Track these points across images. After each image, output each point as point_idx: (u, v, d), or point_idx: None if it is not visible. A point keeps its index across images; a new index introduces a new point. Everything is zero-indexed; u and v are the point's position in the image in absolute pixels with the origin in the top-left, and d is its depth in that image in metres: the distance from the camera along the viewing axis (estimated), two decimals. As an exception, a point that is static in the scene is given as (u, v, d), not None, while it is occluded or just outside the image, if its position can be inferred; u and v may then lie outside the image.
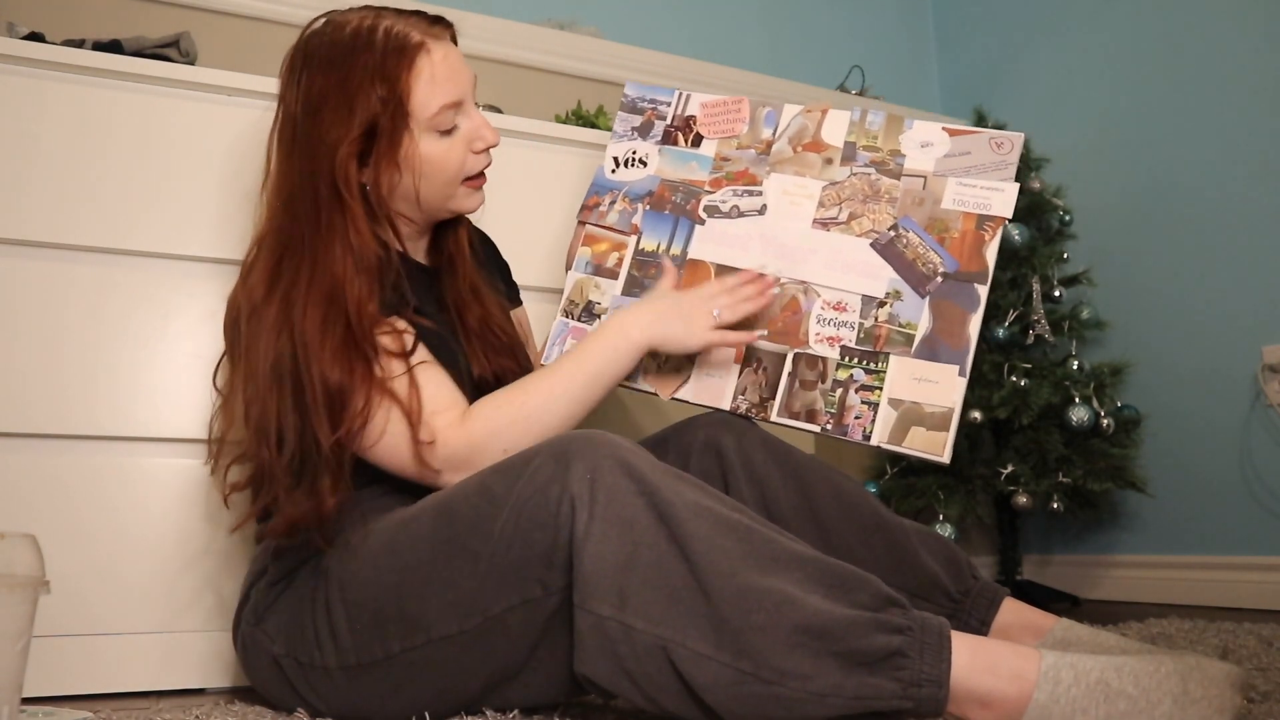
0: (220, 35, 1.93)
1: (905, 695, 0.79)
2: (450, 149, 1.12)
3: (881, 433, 1.12)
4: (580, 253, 1.30)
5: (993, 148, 1.20)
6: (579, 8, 2.37)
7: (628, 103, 1.36)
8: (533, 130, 1.57)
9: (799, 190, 1.25)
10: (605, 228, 1.30)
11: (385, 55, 1.07)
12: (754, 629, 0.80)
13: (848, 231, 1.21)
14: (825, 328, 1.18)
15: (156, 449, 1.30)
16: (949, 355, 1.13)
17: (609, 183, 1.33)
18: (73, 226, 1.28)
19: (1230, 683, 0.79)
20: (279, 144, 1.12)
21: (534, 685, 0.97)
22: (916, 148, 1.23)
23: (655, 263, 1.26)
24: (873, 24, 2.85)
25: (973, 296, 1.15)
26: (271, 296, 1.04)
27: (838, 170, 1.25)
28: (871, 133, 1.26)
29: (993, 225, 1.17)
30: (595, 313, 1.26)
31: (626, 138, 1.34)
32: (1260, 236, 2.02)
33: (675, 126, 1.33)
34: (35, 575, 0.80)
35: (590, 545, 0.86)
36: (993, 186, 1.18)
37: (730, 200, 1.27)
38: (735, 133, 1.30)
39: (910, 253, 1.18)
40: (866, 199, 1.22)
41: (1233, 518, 2.04)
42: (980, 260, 1.16)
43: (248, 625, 1.08)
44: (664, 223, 1.28)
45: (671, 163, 1.32)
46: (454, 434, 1.04)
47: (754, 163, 1.28)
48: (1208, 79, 2.14)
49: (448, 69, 1.10)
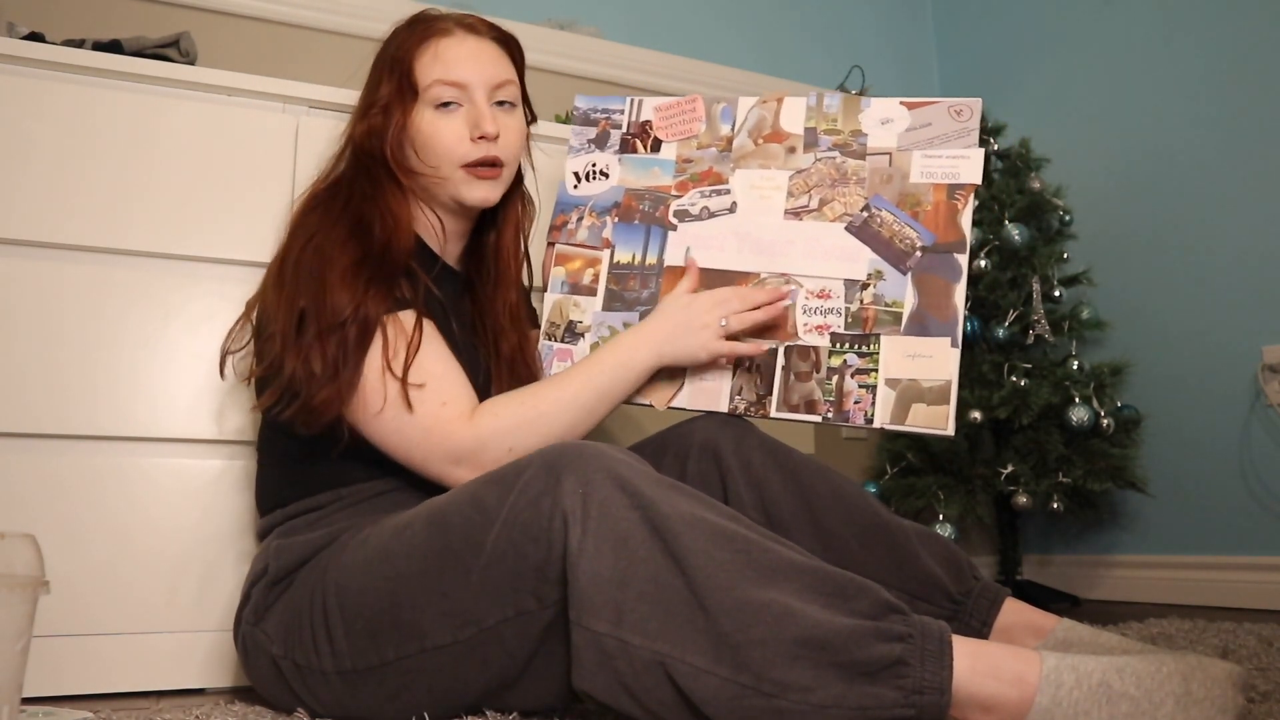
0: (220, 35, 1.93)
1: (907, 703, 0.78)
2: (444, 125, 1.16)
3: (883, 414, 1.12)
4: (554, 273, 1.28)
5: (952, 115, 1.20)
6: (579, 8, 2.37)
7: (579, 115, 1.34)
8: (532, 130, 1.57)
9: (766, 183, 1.24)
10: (576, 245, 1.28)
11: (410, 35, 1.18)
12: (753, 642, 0.80)
13: (821, 218, 1.21)
14: (813, 317, 1.18)
15: (156, 449, 1.30)
16: (939, 328, 1.13)
17: (573, 199, 1.31)
18: (72, 226, 1.28)
19: (1232, 682, 0.79)
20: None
21: (531, 694, 0.96)
22: (877, 125, 1.23)
23: (634, 274, 1.25)
24: (873, 24, 2.85)
25: (954, 266, 1.15)
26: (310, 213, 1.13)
27: (801, 158, 1.24)
28: (830, 115, 1.25)
29: (964, 193, 1.17)
30: (578, 332, 1.24)
31: (584, 151, 1.32)
32: (1260, 236, 2.02)
33: (632, 134, 1.32)
34: (35, 575, 0.80)
35: (584, 561, 0.85)
36: (958, 155, 1.18)
37: (699, 202, 1.26)
38: (693, 133, 1.29)
39: (886, 231, 1.18)
40: (835, 183, 1.22)
41: (1233, 518, 2.04)
42: (956, 229, 1.16)
43: (248, 625, 1.08)
44: (635, 233, 1.26)
45: (634, 171, 1.30)
46: (460, 427, 1.04)
47: (717, 161, 1.27)
48: (1208, 79, 2.14)
49: (459, 52, 1.17)
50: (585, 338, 1.24)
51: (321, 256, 1.06)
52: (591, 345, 1.23)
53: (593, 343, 1.23)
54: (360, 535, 1.03)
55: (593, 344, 1.23)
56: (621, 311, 1.24)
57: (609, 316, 1.24)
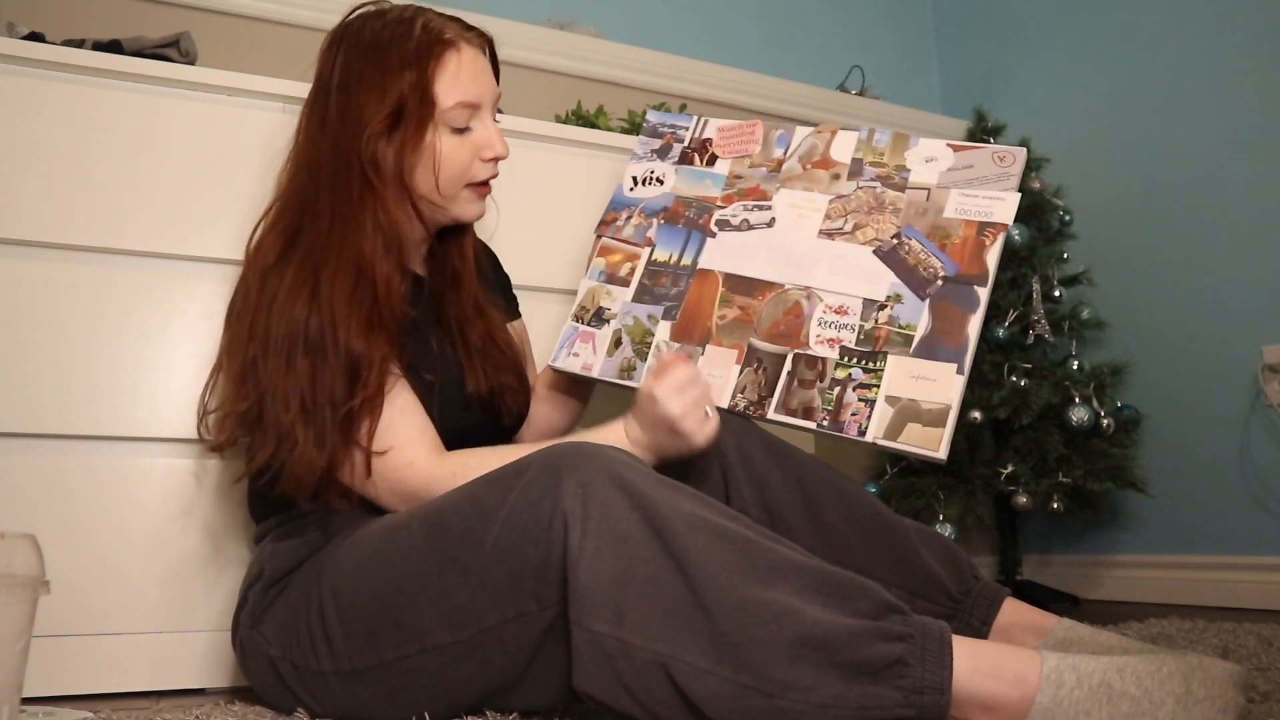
0: (220, 35, 1.93)
1: (908, 703, 0.78)
2: (459, 147, 1.15)
3: (877, 429, 1.12)
4: (595, 262, 1.35)
5: (995, 161, 1.23)
6: (579, 8, 2.37)
7: (649, 127, 1.44)
8: (533, 130, 1.57)
9: (807, 204, 1.28)
10: (620, 240, 1.35)
11: (419, 44, 1.12)
12: (754, 642, 0.80)
13: (852, 240, 1.24)
14: (826, 330, 1.19)
15: (156, 449, 1.30)
16: (947, 354, 1.13)
17: (627, 200, 1.39)
18: (73, 226, 1.28)
19: (1233, 682, 0.79)
20: (310, 116, 1.16)
21: (531, 694, 0.96)
22: (921, 162, 1.26)
23: (667, 273, 1.30)
24: (873, 24, 2.85)
25: (972, 298, 1.16)
26: (287, 260, 1.07)
27: (844, 185, 1.28)
28: (878, 149, 1.29)
29: (993, 231, 1.18)
30: (605, 318, 1.30)
31: (645, 159, 1.41)
32: (1260, 236, 2.02)
33: (692, 148, 1.39)
34: (35, 575, 0.80)
35: (584, 562, 0.85)
36: (995, 196, 1.20)
37: (740, 214, 1.31)
38: (748, 153, 1.35)
39: (912, 258, 1.20)
40: (871, 210, 1.25)
41: (1233, 518, 2.04)
42: (980, 264, 1.17)
43: (245, 628, 1.08)
44: (677, 235, 1.32)
45: (687, 181, 1.37)
46: (419, 471, 1.04)
47: (765, 179, 1.32)
48: (1208, 79, 2.14)
49: (472, 71, 1.15)
50: (610, 324, 1.29)
51: (335, 321, 1.03)
52: (614, 331, 1.28)
53: (615, 329, 1.28)
54: (353, 536, 1.03)
55: (615, 330, 1.28)
56: (648, 304, 1.29)
57: (636, 308, 1.29)
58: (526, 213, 1.53)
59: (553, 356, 1.31)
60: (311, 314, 1.03)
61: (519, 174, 1.48)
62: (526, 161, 1.53)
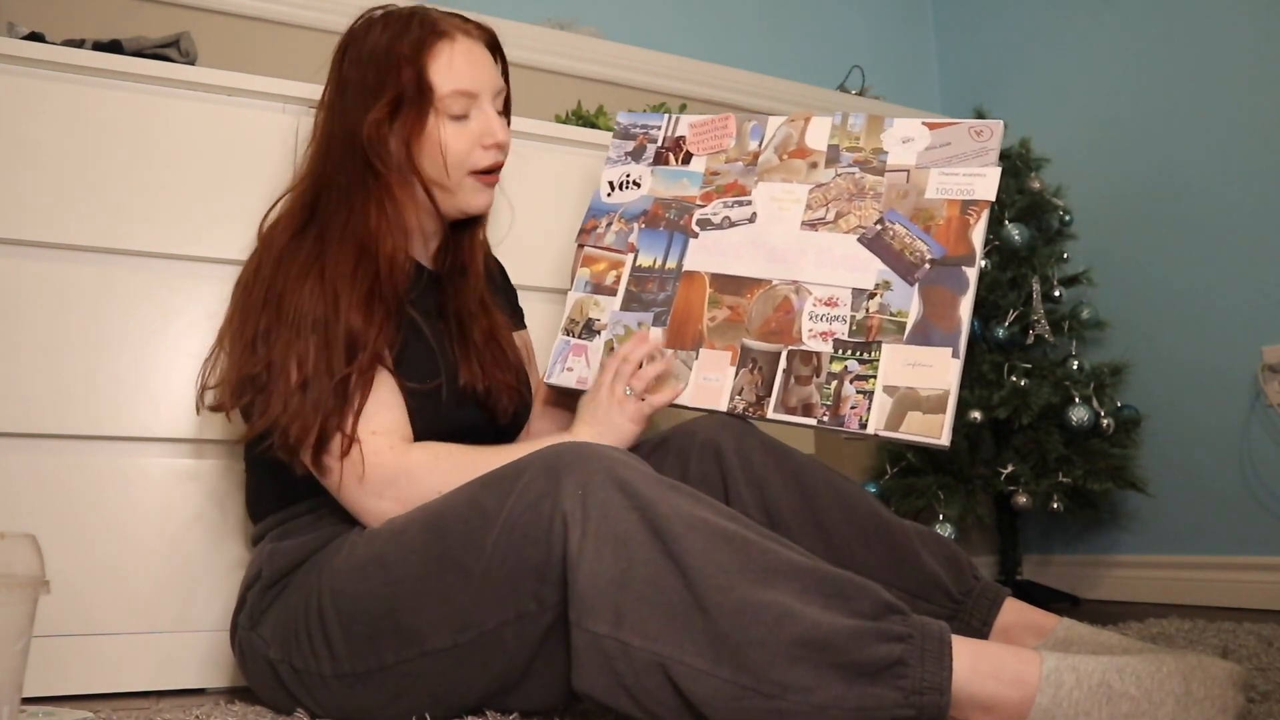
0: (220, 35, 1.93)
1: (907, 704, 0.78)
2: (459, 134, 1.17)
3: (878, 420, 1.12)
4: (580, 273, 1.33)
5: (972, 136, 1.22)
6: (579, 8, 2.37)
7: (620, 129, 1.41)
8: (533, 130, 1.57)
9: (786, 195, 1.27)
10: (603, 248, 1.33)
11: (417, 36, 1.16)
12: (753, 643, 0.80)
13: (835, 230, 1.23)
14: (818, 323, 1.19)
15: (156, 449, 1.30)
16: (941, 339, 1.13)
17: (605, 205, 1.37)
18: (73, 226, 1.28)
19: (1233, 682, 0.79)
20: (325, 109, 1.20)
21: (532, 696, 0.96)
22: (898, 144, 1.25)
23: (653, 278, 1.29)
24: (873, 24, 2.85)
25: (961, 279, 1.15)
26: (301, 239, 1.11)
27: (823, 173, 1.27)
28: (854, 134, 1.28)
29: (977, 209, 1.18)
30: (595, 329, 1.29)
31: (620, 162, 1.39)
32: (1260, 236, 2.02)
33: (666, 148, 1.37)
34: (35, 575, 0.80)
35: (584, 563, 0.85)
36: (975, 172, 1.19)
37: (721, 212, 1.29)
38: (723, 148, 1.34)
39: (897, 243, 1.19)
40: (852, 197, 1.24)
41: (1233, 518, 2.04)
42: (966, 243, 1.17)
43: (244, 629, 1.08)
44: (659, 239, 1.31)
45: (664, 181, 1.35)
46: (388, 456, 1.04)
47: (742, 174, 1.31)
48: (1208, 79, 2.14)
49: (468, 60, 1.17)
50: (601, 335, 1.28)
51: (337, 297, 1.06)
52: (606, 342, 1.27)
53: (607, 340, 1.27)
54: (352, 539, 1.03)
55: (607, 341, 1.27)
56: (637, 311, 1.28)
57: (625, 316, 1.28)
58: (527, 213, 1.53)
59: (547, 373, 1.29)
60: (319, 292, 1.06)
61: (519, 174, 1.48)
62: (526, 161, 1.53)
